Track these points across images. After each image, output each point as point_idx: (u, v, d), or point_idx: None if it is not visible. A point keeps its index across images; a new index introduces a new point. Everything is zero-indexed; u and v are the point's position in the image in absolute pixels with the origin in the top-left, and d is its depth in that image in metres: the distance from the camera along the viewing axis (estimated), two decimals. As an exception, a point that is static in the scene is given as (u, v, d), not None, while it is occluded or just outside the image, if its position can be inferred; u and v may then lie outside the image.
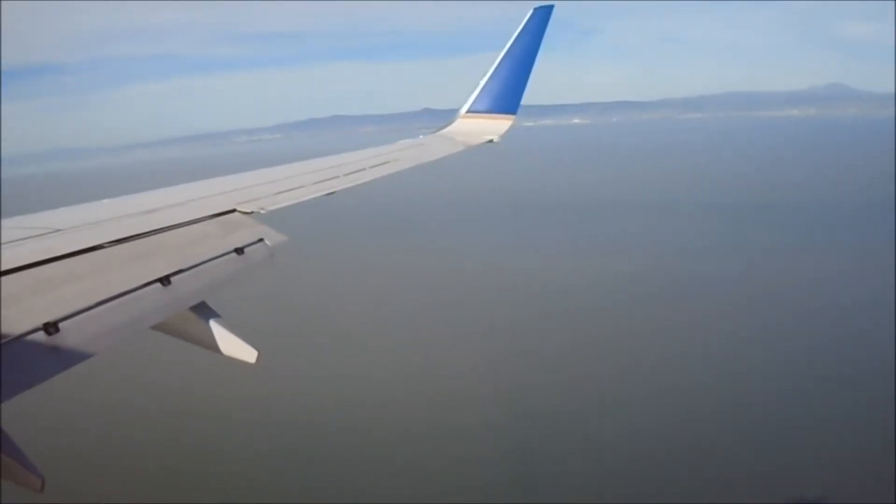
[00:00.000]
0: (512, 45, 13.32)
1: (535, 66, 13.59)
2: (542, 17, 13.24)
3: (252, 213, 7.34)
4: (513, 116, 13.66)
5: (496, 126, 13.58)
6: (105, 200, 7.59)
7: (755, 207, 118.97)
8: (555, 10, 13.36)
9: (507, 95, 13.59)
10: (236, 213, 7.25)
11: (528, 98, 13.92)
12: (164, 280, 5.37)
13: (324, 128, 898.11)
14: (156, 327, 5.28)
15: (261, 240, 6.77)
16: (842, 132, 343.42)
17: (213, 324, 5.69)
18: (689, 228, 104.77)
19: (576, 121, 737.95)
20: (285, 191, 8.36)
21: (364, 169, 10.17)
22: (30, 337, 4.03)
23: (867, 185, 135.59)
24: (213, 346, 5.70)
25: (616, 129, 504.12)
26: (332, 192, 8.81)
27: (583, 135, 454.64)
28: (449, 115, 14.63)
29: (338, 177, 9.53)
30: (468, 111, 13.89)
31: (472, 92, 14.06)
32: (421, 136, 13.68)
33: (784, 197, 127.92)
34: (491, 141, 13.33)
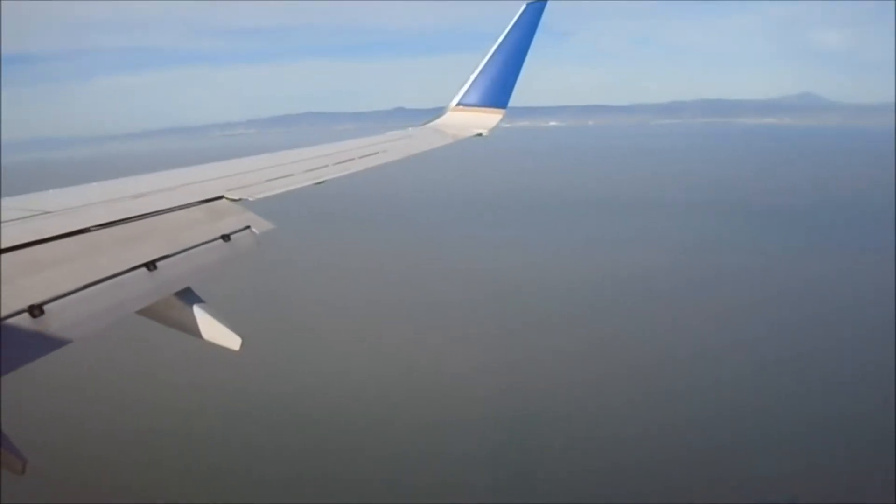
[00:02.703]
0: (503, 40, 13.39)
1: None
2: (534, 13, 13.30)
3: (240, 200, 7.24)
4: (502, 111, 13.80)
5: (485, 120, 13.68)
6: (93, 184, 7.49)
7: (749, 210, 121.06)
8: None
9: (497, 90, 13.68)
10: (224, 200, 7.15)
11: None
12: (150, 265, 5.31)
13: (298, 124, 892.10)
14: (140, 312, 5.22)
15: (248, 227, 6.69)
16: (825, 139, 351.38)
17: (197, 310, 5.63)
18: (683, 230, 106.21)
19: (552, 123, 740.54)
20: (274, 179, 8.27)
21: (353, 159, 10.11)
22: (14, 319, 3.95)
23: (864, 190, 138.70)
24: (197, 333, 5.65)
25: (593, 133, 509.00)
26: (322, 182, 8.71)
27: (561, 137, 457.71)
28: (422, 115, 14.69)
29: (327, 166, 9.44)
30: (458, 104, 13.96)
31: (452, 90, 14.19)
32: (410, 128, 13.64)
33: (778, 200, 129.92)
34: (480, 134, 13.43)
